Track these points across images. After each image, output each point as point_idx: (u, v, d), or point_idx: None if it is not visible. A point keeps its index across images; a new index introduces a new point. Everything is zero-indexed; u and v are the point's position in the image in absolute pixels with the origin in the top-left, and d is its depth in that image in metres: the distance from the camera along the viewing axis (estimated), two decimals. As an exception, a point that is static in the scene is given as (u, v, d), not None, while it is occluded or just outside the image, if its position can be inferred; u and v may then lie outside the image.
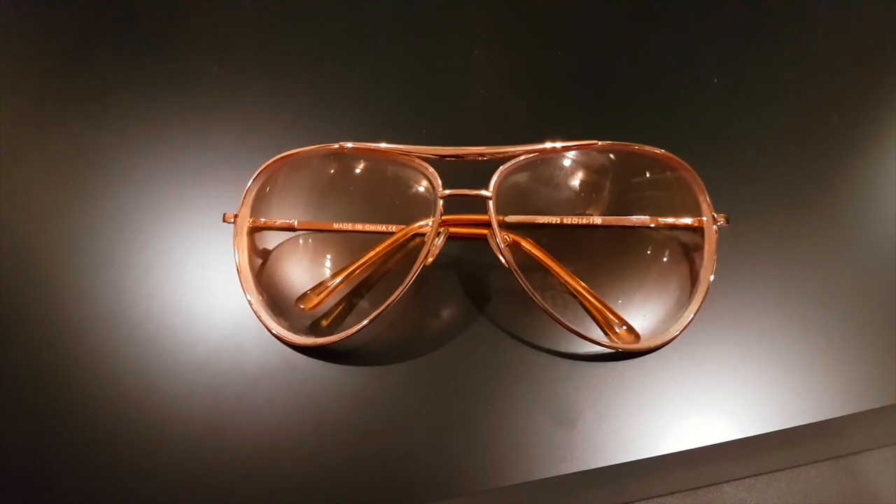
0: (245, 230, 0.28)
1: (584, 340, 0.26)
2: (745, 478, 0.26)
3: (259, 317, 0.27)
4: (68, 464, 0.25)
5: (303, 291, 0.28)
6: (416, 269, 0.25)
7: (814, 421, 0.26)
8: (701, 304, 0.27)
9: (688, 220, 0.28)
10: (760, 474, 0.26)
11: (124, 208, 0.31)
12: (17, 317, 0.28)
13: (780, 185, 0.31)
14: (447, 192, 0.26)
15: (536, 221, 0.28)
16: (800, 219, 0.30)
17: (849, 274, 0.29)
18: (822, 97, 0.34)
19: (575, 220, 0.28)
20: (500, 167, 0.26)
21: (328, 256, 0.29)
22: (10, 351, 0.27)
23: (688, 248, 0.28)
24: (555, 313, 0.26)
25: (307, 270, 0.29)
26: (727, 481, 0.26)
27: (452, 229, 0.27)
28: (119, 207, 0.31)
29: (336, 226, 0.29)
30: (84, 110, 0.34)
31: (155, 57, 0.35)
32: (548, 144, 0.26)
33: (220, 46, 0.36)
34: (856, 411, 0.26)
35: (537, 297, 0.26)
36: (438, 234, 0.26)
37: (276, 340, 0.27)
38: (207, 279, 0.29)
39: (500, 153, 0.26)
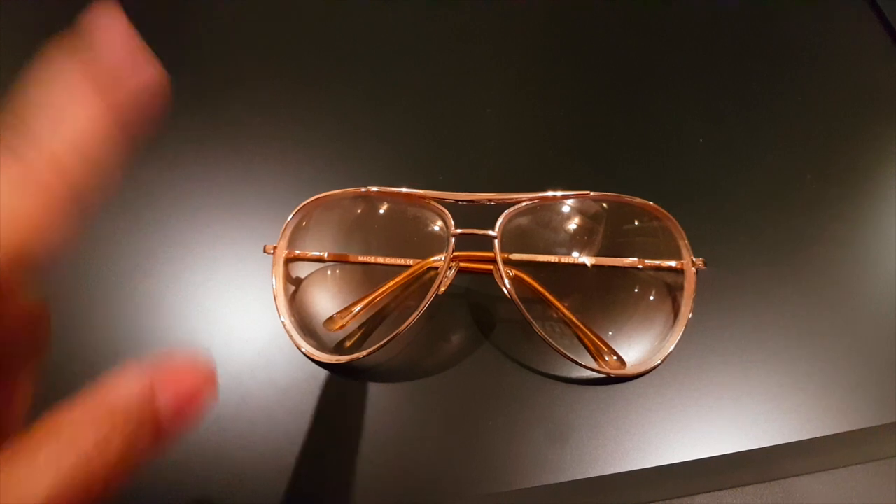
0: (282, 260, 0.30)
1: (577, 366, 0.28)
2: (715, 490, 0.28)
3: (290, 336, 0.29)
4: None
5: (330, 315, 0.30)
6: (430, 297, 0.27)
7: (775, 444, 0.28)
8: (681, 337, 0.29)
9: (671, 263, 0.30)
10: (730, 488, 0.28)
11: (175, 238, 0.33)
12: (76, 333, 0.30)
13: (756, 235, 0.33)
14: (459, 231, 0.28)
15: (536, 260, 0.30)
16: (772, 265, 0.32)
17: (814, 314, 0.31)
18: (796, 158, 0.35)
19: (571, 260, 0.30)
20: (506, 211, 0.28)
21: (353, 285, 0.31)
22: (56, 367, 0.28)
23: (670, 288, 0.30)
24: (552, 341, 0.28)
25: (334, 297, 0.31)
26: (699, 493, 0.28)
27: (462, 264, 0.29)
28: (170, 237, 0.33)
29: (361, 258, 0.31)
30: (141, 152, 0.36)
31: (205, 105, 0.37)
32: (548, 193, 0.28)
33: (263, 100, 0.37)
34: (811, 437, 0.28)
35: (536, 327, 0.28)
36: (450, 268, 0.28)
37: (305, 357, 0.29)
38: (247, 302, 0.31)
39: (505, 199, 0.28)
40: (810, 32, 0.41)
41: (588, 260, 0.30)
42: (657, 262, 0.30)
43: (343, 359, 0.29)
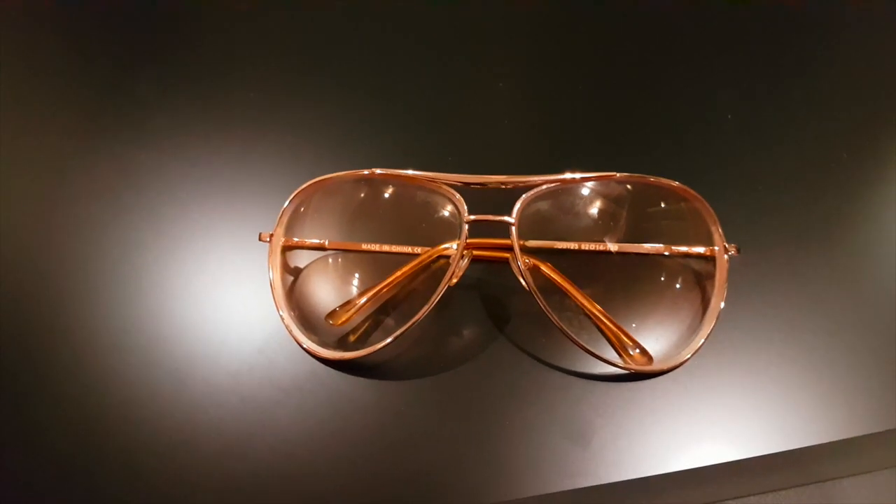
0: (279, 249, 0.29)
1: (599, 361, 0.27)
2: (748, 496, 0.27)
3: (290, 331, 0.28)
4: (105, 469, 0.26)
5: (332, 308, 0.28)
6: (441, 289, 0.26)
7: (816, 443, 0.26)
8: (711, 329, 0.27)
9: (700, 250, 0.28)
10: (764, 492, 0.27)
11: (165, 226, 0.32)
12: (60, 327, 0.29)
13: (790, 218, 0.31)
14: (472, 217, 0.26)
15: (556, 247, 0.28)
16: (808, 251, 0.30)
17: (855, 305, 0.29)
18: (831, 135, 0.34)
19: (592, 246, 0.28)
20: (523, 195, 0.26)
21: (357, 275, 0.30)
22: (51, 361, 0.28)
23: (700, 276, 0.29)
24: (572, 334, 0.26)
25: (337, 288, 0.29)
26: (731, 498, 0.27)
27: (476, 252, 0.28)
28: (160, 225, 0.32)
29: (365, 246, 0.30)
30: (127, 133, 0.35)
31: (196, 83, 0.36)
32: (568, 175, 0.27)
33: (258, 75, 0.36)
34: (857, 435, 0.26)
35: (555, 319, 0.26)
36: (463, 256, 0.27)
37: (306, 354, 0.28)
38: (242, 295, 0.30)
39: (522, 182, 0.27)
40: (847, 1, 0.39)
41: (612, 246, 0.29)
42: (686, 249, 0.29)
43: (347, 355, 0.27)
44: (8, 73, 0.37)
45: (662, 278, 0.29)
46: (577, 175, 0.27)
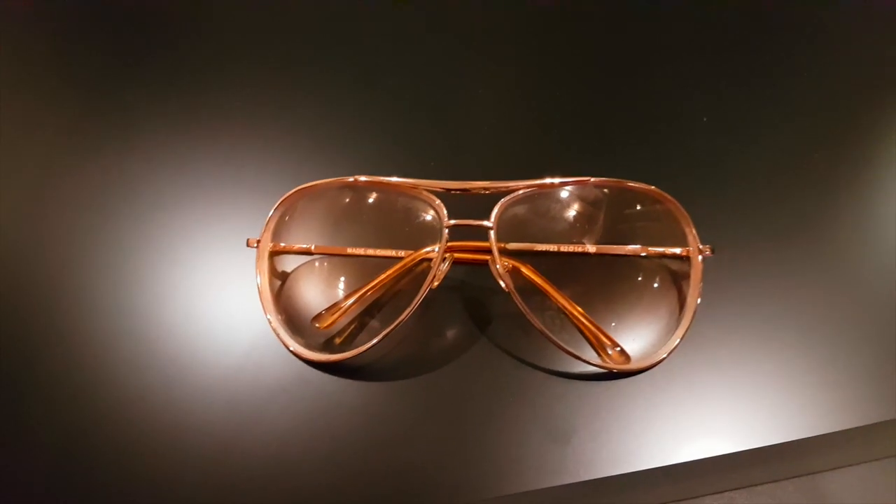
0: (266, 254, 0.29)
1: (578, 361, 0.27)
2: (724, 491, 0.27)
3: (277, 334, 0.28)
4: (95, 470, 0.26)
5: (318, 311, 0.29)
6: (423, 291, 0.26)
7: (792, 439, 0.27)
8: (688, 328, 0.28)
9: (676, 250, 0.29)
10: (740, 488, 0.27)
11: (153, 232, 0.32)
12: (49, 333, 0.29)
13: (764, 218, 0.32)
14: (452, 221, 0.27)
15: (535, 249, 0.29)
16: (782, 250, 0.31)
17: (828, 301, 0.29)
18: (803, 136, 0.34)
19: (571, 248, 0.29)
20: (501, 200, 0.27)
21: (342, 279, 0.30)
22: (41, 365, 0.28)
23: (676, 276, 0.29)
24: (551, 335, 0.27)
25: (322, 292, 0.30)
26: (709, 494, 0.27)
27: (457, 255, 0.28)
28: (148, 232, 0.32)
29: (350, 251, 0.30)
30: (115, 141, 0.35)
31: (183, 92, 0.36)
32: (546, 180, 0.27)
33: (244, 84, 0.37)
34: (831, 431, 0.27)
35: (535, 320, 0.27)
36: (444, 259, 0.27)
37: (293, 357, 0.28)
38: (230, 299, 0.30)
39: (501, 188, 0.27)
40: (817, 3, 0.40)
41: (590, 248, 0.29)
42: (662, 250, 0.29)
43: (333, 357, 0.28)
44: (-2, 82, 0.38)
45: (639, 279, 0.29)
46: (555, 180, 0.27)
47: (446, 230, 0.27)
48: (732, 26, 0.39)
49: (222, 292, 0.30)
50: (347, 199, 0.29)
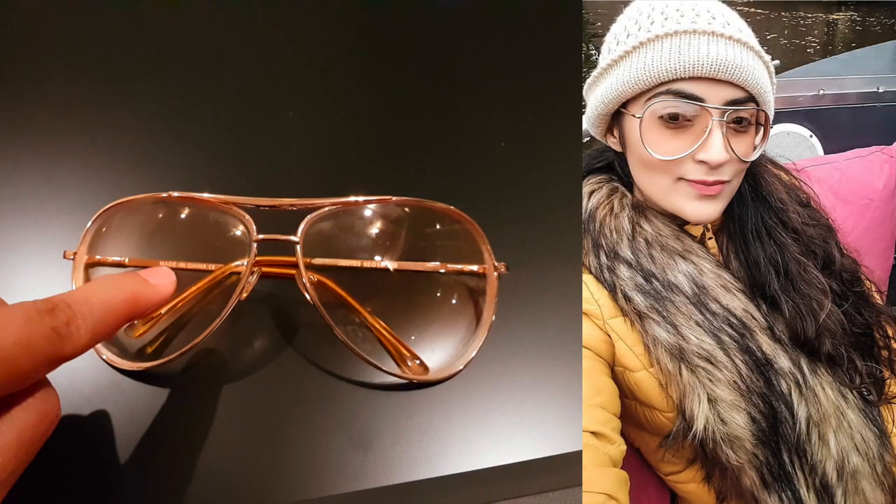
0: (82, 266, 0.30)
1: (379, 372, 0.28)
2: (516, 497, 0.28)
3: None
4: None
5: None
6: (232, 303, 0.27)
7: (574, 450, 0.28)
8: (483, 342, 0.30)
9: (473, 268, 0.31)
10: (531, 494, 0.28)
11: None
12: None
13: (555, 238, 0.33)
14: (261, 236, 0.28)
15: (339, 264, 0.30)
16: (572, 264, 0.32)
17: None
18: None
19: (373, 264, 0.30)
20: (308, 216, 0.28)
21: None
22: None
23: (473, 292, 0.31)
24: (354, 346, 0.28)
25: None
26: (501, 500, 0.28)
27: (265, 269, 0.29)
28: None
29: (162, 264, 0.30)
30: None
31: (2, 109, 0.36)
32: (350, 198, 0.29)
33: (65, 99, 0.36)
34: None
35: (339, 332, 0.28)
36: (252, 273, 0.28)
37: (106, 365, 0.28)
38: None
39: (308, 204, 0.28)
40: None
41: (390, 264, 0.30)
42: (460, 267, 0.31)
43: (143, 365, 0.28)
44: None
45: (438, 294, 0.31)
46: (360, 198, 0.29)
47: (255, 244, 0.28)
48: (534, 59, 0.41)
49: (36, 303, 0.30)
50: (161, 214, 0.30)
